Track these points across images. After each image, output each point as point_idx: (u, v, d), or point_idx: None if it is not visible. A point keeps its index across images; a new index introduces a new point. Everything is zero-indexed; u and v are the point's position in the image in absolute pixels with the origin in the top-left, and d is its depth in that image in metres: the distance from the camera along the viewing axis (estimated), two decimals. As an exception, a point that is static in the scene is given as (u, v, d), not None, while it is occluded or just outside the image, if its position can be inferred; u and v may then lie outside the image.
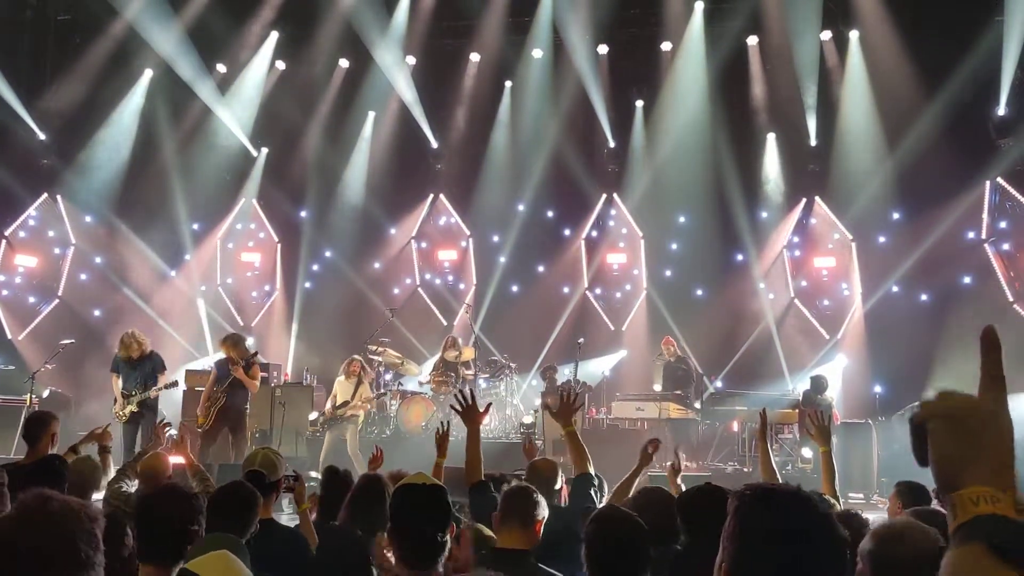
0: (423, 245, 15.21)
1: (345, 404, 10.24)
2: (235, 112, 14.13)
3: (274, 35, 14.05)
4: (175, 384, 9.35)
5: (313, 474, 8.77)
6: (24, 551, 1.53)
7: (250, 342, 10.30)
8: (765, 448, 4.85)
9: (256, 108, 14.32)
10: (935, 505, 3.80)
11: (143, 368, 9.01)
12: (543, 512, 3.28)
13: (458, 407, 4.35)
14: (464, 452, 4.23)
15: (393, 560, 2.88)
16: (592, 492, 4.13)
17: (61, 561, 1.54)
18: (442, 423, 4.83)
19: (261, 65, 14.19)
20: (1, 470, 3.50)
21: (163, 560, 2.71)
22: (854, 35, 12.96)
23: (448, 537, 2.75)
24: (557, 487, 4.50)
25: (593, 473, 4.26)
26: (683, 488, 4.47)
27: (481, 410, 4.32)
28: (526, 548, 3.20)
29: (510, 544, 3.20)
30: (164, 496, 2.92)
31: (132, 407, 8.89)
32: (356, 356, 10.76)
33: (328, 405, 10.45)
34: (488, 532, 3.44)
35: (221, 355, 9.46)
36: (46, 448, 5.03)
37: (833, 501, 3.72)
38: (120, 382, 9.07)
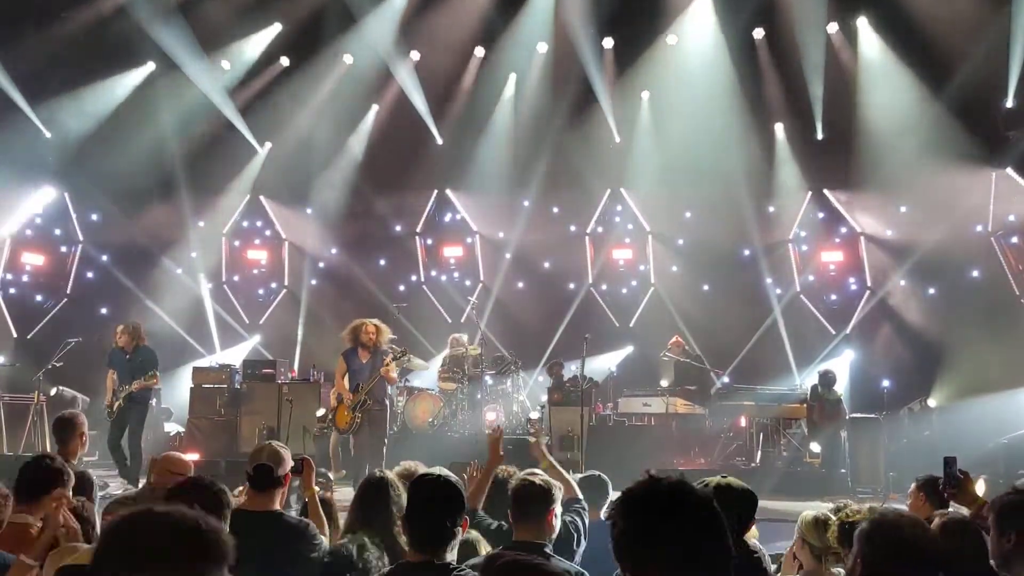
0: (428, 242, 15.18)
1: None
2: (238, 107, 14.08)
3: (277, 28, 13.95)
4: (152, 379, 8.83)
5: (320, 470, 8.76)
6: None
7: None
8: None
9: (259, 103, 14.28)
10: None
11: (133, 361, 8.85)
12: (553, 504, 3.50)
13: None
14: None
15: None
16: (575, 511, 4.04)
17: None
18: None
19: (264, 59, 14.13)
20: None
21: None
22: (862, 26, 12.87)
23: (460, 527, 2.96)
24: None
25: (580, 498, 4.20)
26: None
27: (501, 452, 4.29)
28: (542, 540, 3.42)
29: (526, 537, 3.43)
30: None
31: (120, 402, 8.74)
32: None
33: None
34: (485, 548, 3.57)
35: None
36: (76, 449, 5.07)
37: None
38: (115, 376, 8.92)
